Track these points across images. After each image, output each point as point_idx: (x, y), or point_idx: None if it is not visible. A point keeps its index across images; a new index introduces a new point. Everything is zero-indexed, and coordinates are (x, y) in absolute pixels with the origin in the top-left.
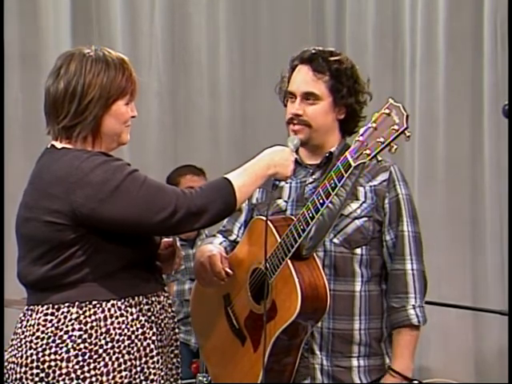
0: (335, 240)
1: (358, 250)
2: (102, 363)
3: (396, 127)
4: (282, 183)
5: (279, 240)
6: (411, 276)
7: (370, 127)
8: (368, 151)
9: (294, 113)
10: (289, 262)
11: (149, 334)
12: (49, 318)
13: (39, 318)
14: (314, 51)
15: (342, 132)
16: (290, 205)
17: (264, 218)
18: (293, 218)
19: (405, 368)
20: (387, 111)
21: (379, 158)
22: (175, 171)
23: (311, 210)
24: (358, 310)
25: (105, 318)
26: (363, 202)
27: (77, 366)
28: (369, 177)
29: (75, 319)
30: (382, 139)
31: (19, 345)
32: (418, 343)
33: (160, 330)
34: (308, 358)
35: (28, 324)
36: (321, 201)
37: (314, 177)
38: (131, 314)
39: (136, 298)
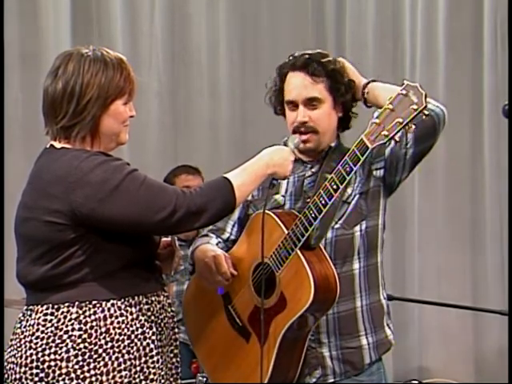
0: (336, 226)
1: (357, 227)
2: (102, 363)
3: (415, 106)
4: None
5: (286, 232)
6: None
7: (386, 108)
8: (386, 132)
9: (301, 121)
10: (298, 252)
11: (148, 333)
12: (48, 317)
13: (39, 317)
14: (307, 56)
15: (338, 129)
16: (289, 199)
17: (267, 212)
18: (295, 212)
19: None
20: (404, 92)
21: (397, 139)
22: (170, 172)
23: (324, 197)
24: (358, 288)
25: (104, 318)
26: (354, 182)
27: (76, 366)
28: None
29: (75, 319)
30: (400, 119)
31: (19, 345)
32: (418, 343)
33: (160, 329)
34: (316, 349)
35: (27, 324)
36: (334, 186)
37: (312, 170)
38: (131, 313)
39: (136, 298)
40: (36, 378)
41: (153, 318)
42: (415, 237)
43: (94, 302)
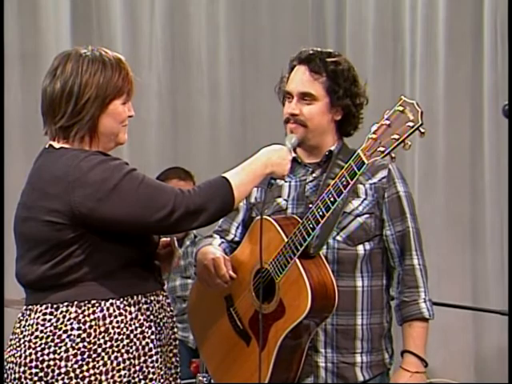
0: (338, 237)
1: (361, 247)
2: (101, 362)
3: (411, 124)
4: (281, 182)
5: (286, 239)
6: (419, 271)
7: (383, 124)
8: (382, 148)
9: (291, 112)
10: (297, 260)
11: (148, 333)
12: (48, 317)
13: (38, 317)
14: (311, 51)
15: (339, 133)
16: (291, 203)
17: (268, 218)
18: (295, 217)
19: (420, 354)
20: (401, 108)
21: (393, 155)
22: (163, 173)
23: (321, 208)
24: (360, 306)
25: (104, 318)
26: (364, 199)
27: (76, 366)
28: (368, 175)
29: (74, 318)
30: (396, 136)
31: (18, 344)
32: None
33: (159, 329)
34: (311, 356)
35: (27, 324)
36: (331, 199)
37: (313, 175)
38: (130, 313)
39: (135, 297)
40: (35, 378)
41: (152, 317)
42: None
43: (93, 302)
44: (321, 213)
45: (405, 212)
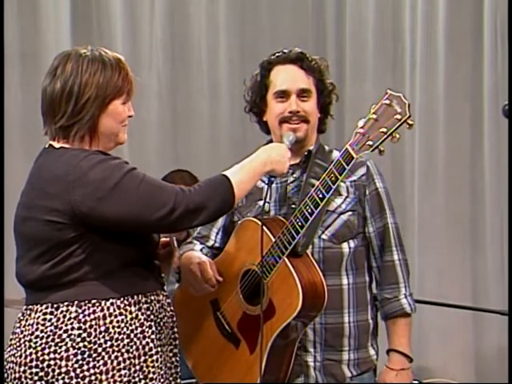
0: (323, 236)
1: (345, 245)
2: (101, 362)
3: (399, 116)
4: (262, 184)
5: (273, 239)
6: (399, 266)
7: (370, 118)
8: (370, 142)
9: (294, 110)
10: (286, 259)
11: (148, 332)
12: (48, 317)
13: (38, 317)
14: (298, 51)
15: (317, 131)
16: (273, 205)
17: (254, 219)
18: (280, 217)
19: (405, 351)
20: (387, 101)
21: (381, 149)
22: (168, 175)
23: (310, 205)
24: (346, 303)
25: (104, 317)
26: (346, 197)
27: (76, 365)
28: (348, 172)
29: (74, 318)
30: (384, 129)
31: (18, 344)
32: (418, 343)
33: (159, 328)
34: (301, 356)
35: (27, 323)
36: (320, 195)
37: (294, 176)
38: (130, 312)
39: (135, 297)
40: (35, 377)
41: (152, 317)
42: (415, 237)
43: (93, 301)
44: (309, 210)
45: (384, 208)
